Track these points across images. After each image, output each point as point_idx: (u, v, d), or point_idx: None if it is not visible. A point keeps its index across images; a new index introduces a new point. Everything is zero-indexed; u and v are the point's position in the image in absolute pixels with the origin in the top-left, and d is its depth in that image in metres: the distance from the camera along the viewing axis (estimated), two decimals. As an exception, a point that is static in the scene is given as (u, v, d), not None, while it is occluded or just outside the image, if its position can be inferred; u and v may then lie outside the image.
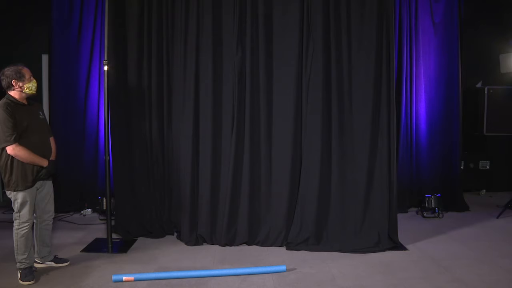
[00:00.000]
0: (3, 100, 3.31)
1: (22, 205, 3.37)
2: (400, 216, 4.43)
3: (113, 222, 4.27)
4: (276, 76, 4.29)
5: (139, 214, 4.46)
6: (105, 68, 3.94)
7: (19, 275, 3.40)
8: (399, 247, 4.15)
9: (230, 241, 4.24)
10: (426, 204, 5.36)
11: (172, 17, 4.37)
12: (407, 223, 4.97)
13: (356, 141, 4.23)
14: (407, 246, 4.19)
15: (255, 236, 4.29)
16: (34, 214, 3.51)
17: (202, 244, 4.27)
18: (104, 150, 4.51)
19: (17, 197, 3.36)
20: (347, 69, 4.24)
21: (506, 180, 6.62)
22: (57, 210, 5.33)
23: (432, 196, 5.36)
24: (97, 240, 4.37)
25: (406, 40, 5.61)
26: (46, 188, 3.56)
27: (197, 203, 4.32)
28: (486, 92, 6.27)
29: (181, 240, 4.33)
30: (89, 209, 5.37)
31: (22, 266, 3.41)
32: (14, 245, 3.42)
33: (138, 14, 4.35)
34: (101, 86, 5.40)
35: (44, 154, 3.42)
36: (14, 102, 3.32)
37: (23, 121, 3.29)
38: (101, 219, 5.06)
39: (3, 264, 3.74)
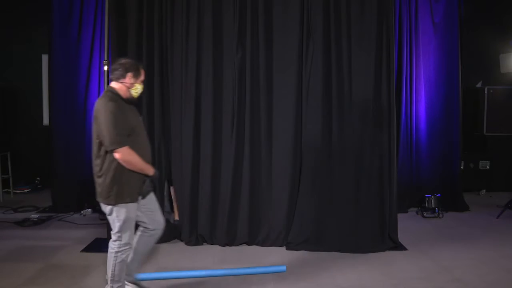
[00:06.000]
0: (107, 93, 2.80)
1: (126, 223, 2.78)
2: (400, 216, 4.43)
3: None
4: (276, 76, 4.29)
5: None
6: (105, 68, 3.94)
7: None
8: (399, 247, 4.15)
9: (230, 241, 4.24)
10: (426, 204, 5.36)
11: (172, 17, 4.36)
12: (407, 223, 4.97)
13: (356, 141, 4.23)
14: (407, 246, 4.19)
15: (255, 236, 4.29)
16: (141, 228, 3.02)
17: (202, 244, 4.27)
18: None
19: (119, 214, 2.76)
20: (347, 69, 4.24)
21: (506, 180, 6.61)
22: (57, 210, 5.40)
23: (432, 196, 5.36)
24: (97, 240, 4.37)
25: (406, 40, 5.61)
26: (150, 196, 2.97)
27: (197, 203, 4.32)
28: (486, 92, 6.28)
29: (181, 240, 4.33)
30: (89, 209, 5.37)
31: None
32: (109, 270, 2.84)
33: (138, 14, 4.34)
34: (101, 86, 5.40)
35: (148, 162, 2.88)
36: (121, 98, 2.81)
37: (131, 120, 2.80)
38: (101, 219, 5.06)
39: (3, 264, 3.73)
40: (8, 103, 6.53)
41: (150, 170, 2.83)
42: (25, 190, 6.48)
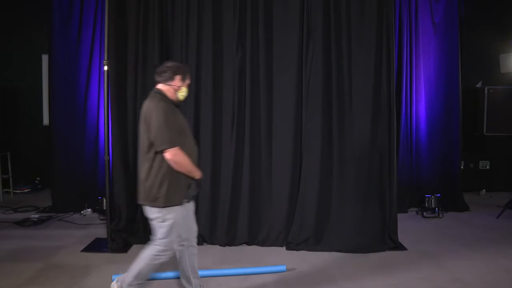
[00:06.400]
0: (156, 95, 2.78)
1: (172, 228, 2.73)
2: (400, 216, 4.43)
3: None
4: (276, 76, 4.29)
5: (141, 216, 4.45)
6: (105, 68, 3.94)
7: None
8: (399, 247, 4.15)
9: (230, 241, 4.24)
10: (426, 204, 5.36)
11: (172, 17, 4.37)
12: (407, 223, 4.97)
13: (356, 141, 4.23)
14: (407, 246, 4.19)
15: (255, 236, 4.29)
16: (180, 239, 2.92)
17: (202, 244, 4.26)
18: (104, 150, 4.50)
19: (166, 218, 2.70)
20: (347, 69, 4.24)
21: (506, 180, 6.61)
22: (57, 210, 5.40)
23: (432, 196, 5.36)
24: (97, 240, 4.37)
25: (406, 40, 5.61)
26: (191, 203, 2.94)
27: (197, 203, 4.32)
28: (486, 92, 6.28)
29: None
30: (89, 209, 5.37)
31: None
32: (138, 265, 2.78)
33: (138, 14, 4.35)
34: (101, 86, 5.40)
35: (195, 164, 2.82)
36: (169, 99, 2.80)
37: (181, 122, 2.79)
38: (101, 219, 5.06)
39: (3, 264, 3.73)
40: (8, 103, 6.53)
41: (197, 173, 2.79)
42: (25, 190, 6.48)
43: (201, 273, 3.50)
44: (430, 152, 5.77)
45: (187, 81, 2.89)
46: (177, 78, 2.82)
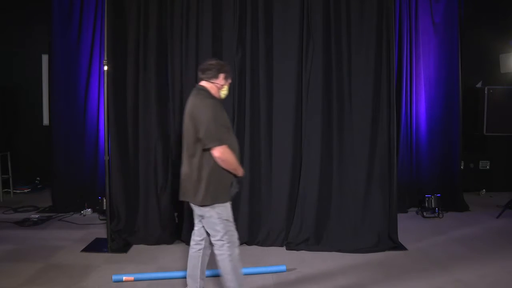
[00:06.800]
0: (201, 92, 2.77)
1: (228, 219, 2.73)
2: (400, 216, 4.43)
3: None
4: (276, 76, 4.29)
5: (142, 217, 4.45)
6: (105, 68, 3.94)
7: None
8: (399, 247, 4.15)
9: (230, 241, 4.24)
10: (426, 204, 5.36)
11: (172, 17, 4.36)
12: (407, 223, 4.97)
13: (356, 141, 4.23)
14: (407, 246, 4.19)
15: (255, 236, 4.29)
16: (200, 238, 2.92)
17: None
18: (104, 150, 4.50)
19: (221, 212, 2.70)
20: (347, 69, 4.24)
21: (506, 180, 6.62)
22: (57, 210, 5.40)
23: (432, 196, 5.36)
24: (97, 240, 4.37)
25: (406, 40, 5.61)
26: None
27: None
28: (486, 92, 6.27)
29: (181, 240, 4.32)
30: (89, 209, 5.37)
31: None
32: (230, 276, 2.74)
33: (138, 14, 4.34)
34: (101, 86, 5.40)
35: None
36: (214, 96, 2.80)
37: (227, 119, 2.79)
38: (101, 219, 5.06)
39: (3, 264, 3.73)
40: (8, 103, 6.53)
41: (240, 171, 2.77)
42: (25, 190, 6.48)
43: (201, 273, 3.51)
44: (430, 152, 5.77)
45: (229, 80, 2.91)
46: (221, 76, 2.83)
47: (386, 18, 4.19)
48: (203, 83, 2.83)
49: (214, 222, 2.71)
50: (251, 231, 4.28)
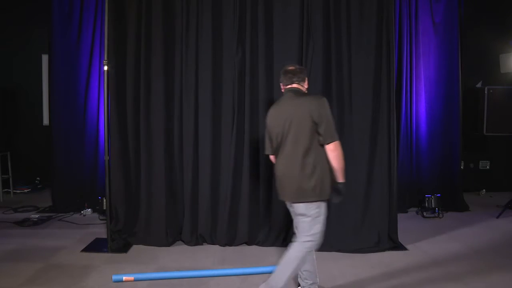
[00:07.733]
0: (301, 92, 2.94)
1: (324, 220, 2.84)
2: (400, 216, 4.43)
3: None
4: (276, 76, 4.28)
5: (142, 217, 4.45)
6: (105, 68, 3.94)
7: None
8: (399, 247, 4.15)
9: (230, 241, 4.24)
10: (426, 204, 5.36)
11: (172, 17, 4.36)
12: (407, 223, 4.97)
13: (356, 141, 4.23)
14: (407, 246, 4.19)
15: (255, 236, 4.29)
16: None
17: (202, 244, 4.27)
18: (104, 150, 4.50)
19: (321, 210, 2.81)
20: (347, 69, 4.24)
21: (506, 180, 6.62)
22: (57, 210, 5.40)
23: (432, 196, 5.36)
24: (97, 240, 4.37)
25: (406, 40, 5.61)
26: None
27: (198, 203, 4.32)
28: (486, 92, 6.26)
29: (181, 240, 4.33)
30: (89, 209, 5.37)
31: None
32: (291, 268, 2.79)
33: (138, 14, 4.34)
34: (101, 86, 5.40)
35: None
36: None
37: None
38: (101, 219, 5.06)
39: (3, 264, 3.73)
40: (8, 103, 6.53)
41: (342, 174, 2.85)
42: (25, 190, 6.49)
43: (201, 273, 3.52)
44: (430, 152, 5.77)
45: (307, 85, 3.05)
46: (306, 80, 3.03)
47: (386, 18, 4.19)
48: (296, 85, 2.95)
49: (313, 219, 2.79)
50: (251, 231, 4.28)
